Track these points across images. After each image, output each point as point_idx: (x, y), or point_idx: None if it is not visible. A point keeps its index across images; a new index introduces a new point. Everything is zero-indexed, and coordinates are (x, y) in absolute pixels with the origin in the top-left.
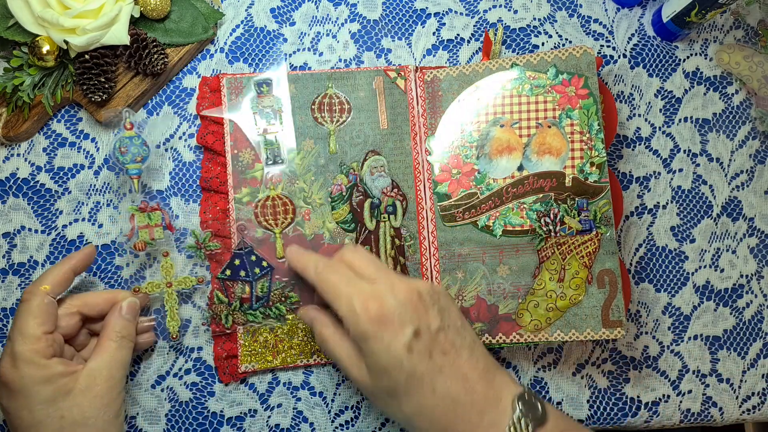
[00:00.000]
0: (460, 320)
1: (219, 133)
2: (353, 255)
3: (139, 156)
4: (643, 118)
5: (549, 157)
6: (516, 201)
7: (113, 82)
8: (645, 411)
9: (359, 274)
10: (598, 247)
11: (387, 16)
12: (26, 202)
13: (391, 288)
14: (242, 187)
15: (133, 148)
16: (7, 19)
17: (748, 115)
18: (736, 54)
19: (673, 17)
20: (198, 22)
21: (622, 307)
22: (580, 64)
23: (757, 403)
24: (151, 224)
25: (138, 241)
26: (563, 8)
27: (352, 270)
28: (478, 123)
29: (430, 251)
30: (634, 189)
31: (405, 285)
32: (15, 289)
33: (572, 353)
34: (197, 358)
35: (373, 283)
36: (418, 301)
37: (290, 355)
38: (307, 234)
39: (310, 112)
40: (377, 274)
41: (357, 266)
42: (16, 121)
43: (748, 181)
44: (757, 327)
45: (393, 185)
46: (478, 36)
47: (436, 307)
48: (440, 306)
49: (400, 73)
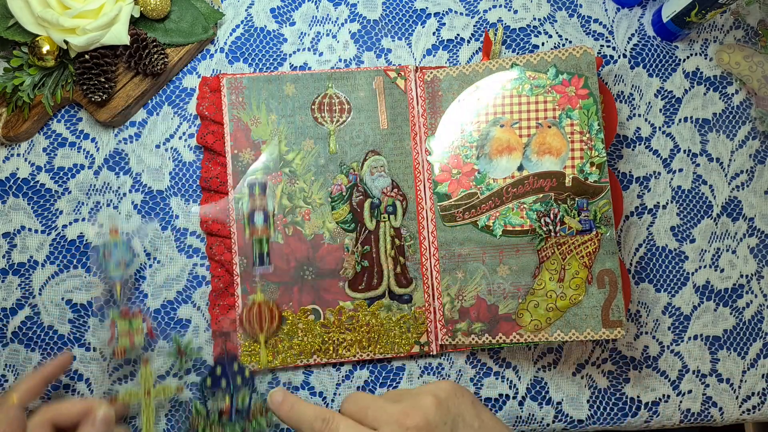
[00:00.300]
0: (477, 420)
1: (219, 133)
2: (348, 406)
3: (123, 261)
4: (643, 118)
5: (549, 157)
6: (516, 201)
7: (113, 82)
8: (645, 411)
9: (361, 422)
10: (598, 247)
11: (387, 16)
12: (26, 202)
13: (397, 430)
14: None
15: (118, 253)
16: (7, 19)
17: (748, 115)
18: (736, 54)
19: (673, 17)
20: (198, 22)
21: (622, 307)
22: (580, 64)
23: (757, 403)
24: (132, 330)
25: (118, 348)
26: (563, 8)
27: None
28: (478, 123)
29: (430, 251)
30: (634, 189)
31: (413, 421)
32: (15, 289)
33: (572, 353)
34: (197, 358)
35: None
36: (427, 429)
37: (290, 355)
38: (307, 234)
39: (310, 112)
40: (378, 421)
41: (357, 417)
42: (16, 121)
43: (748, 181)
44: (757, 327)
45: (393, 185)
46: (478, 36)
47: (448, 426)
48: (451, 421)
49: (400, 73)
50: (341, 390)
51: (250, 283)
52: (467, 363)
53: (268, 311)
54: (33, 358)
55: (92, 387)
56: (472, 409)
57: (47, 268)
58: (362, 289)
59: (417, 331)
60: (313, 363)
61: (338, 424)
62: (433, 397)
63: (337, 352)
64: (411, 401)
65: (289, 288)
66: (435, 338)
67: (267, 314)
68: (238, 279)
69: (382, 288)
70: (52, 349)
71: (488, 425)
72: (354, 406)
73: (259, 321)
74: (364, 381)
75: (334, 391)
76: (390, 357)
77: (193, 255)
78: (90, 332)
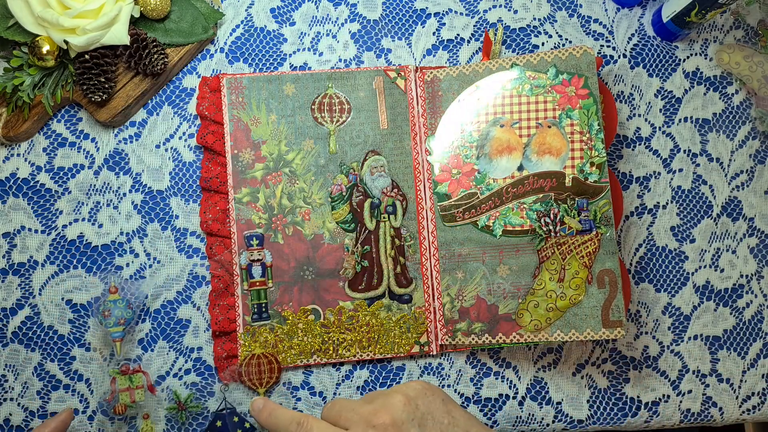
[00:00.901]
0: (447, 417)
1: (219, 133)
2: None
3: (122, 319)
4: (643, 118)
5: (549, 157)
6: (516, 201)
7: (113, 82)
8: (645, 411)
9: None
10: (598, 247)
11: (387, 16)
12: (26, 202)
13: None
14: (242, 187)
15: (117, 311)
16: (7, 19)
17: (748, 115)
18: (736, 54)
19: (673, 17)
20: (198, 22)
21: (622, 307)
22: (580, 64)
23: (757, 403)
24: (133, 386)
25: (118, 404)
26: (563, 8)
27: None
28: (478, 123)
29: (430, 251)
30: (634, 189)
31: (380, 419)
32: (15, 289)
33: (572, 353)
34: (197, 358)
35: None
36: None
37: (290, 355)
38: (307, 234)
39: (310, 112)
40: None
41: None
42: (16, 121)
43: (748, 181)
44: (757, 327)
45: (393, 185)
46: (478, 36)
47: (416, 422)
48: (420, 418)
49: (400, 73)
50: (341, 390)
51: (250, 334)
52: (467, 363)
53: (267, 364)
54: (33, 358)
55: (92, 387)
56: (442, 406)
57: (47, 268)
58: (362, 289)
59: (417, 331)
60: (313, 363)
61: (311, 426)
62: (402, 396)
63: (337, 352)
64: (381, 401)
65: (289, 288)
66: (435, 338)
67: (266, 366)
68: (238, 279)
69: (382, 288)
70: (52, 349)
71: (459, 422)
72: (330, 410)
73: (259, 374)
74: (364, 381)
75: (334, 391)
76: (390, 357)
77: (193, 255)
78: (90, 332)
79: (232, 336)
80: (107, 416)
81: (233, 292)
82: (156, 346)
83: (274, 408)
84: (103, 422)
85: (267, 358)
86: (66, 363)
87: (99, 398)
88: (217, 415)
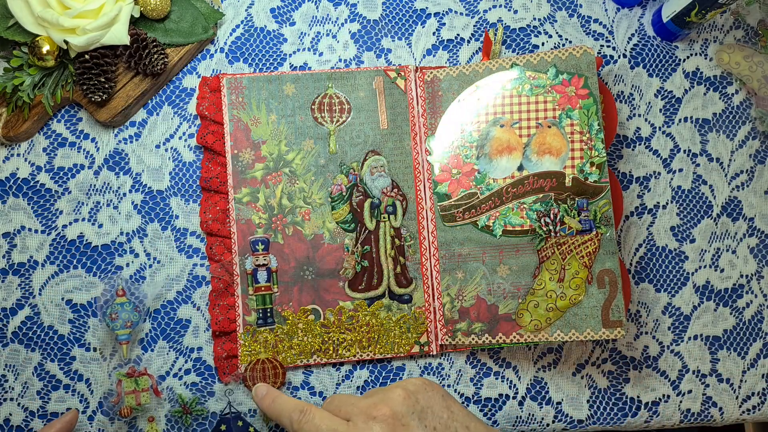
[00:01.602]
0: (446, 411)
1: (219, 133)
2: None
3: (129, 322)
4: (643, 118)
5: (549, 157)
6: (516, 201)
7: (113, 82)
8: (645, 411)
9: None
10: (598, 247)
11: (387, 16)
12: (26, 202)
13: (366, 422)
14: (242, 187)
15: (124, 314)
16: (7, 19)
17: (748, 115)
18: (736, 54)
19: (673, 17)
20: (198, 22)
21: (622, 307)
22: (580, 64)
23: (757, 403)
24: (138, 389)
25: (124, 407)
26: (563, 8)
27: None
28: (478, 123)
29: (430, 251)
30: (634, 189)
31: (380, 411)
32: (15, 289)
33: (572, 353)
34: (197, 358)
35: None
36: (395, 423)
37: (290, 355)
38: (307, 234)
39: (310, 112)
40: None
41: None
42: (16, 121)
43: (748, 181)
44: (757, 327)
45: (393, 185)
46: (478, 36)
47: (415, 415)
48: (419, 411)
49: (400, 73)
50: (341, 390)
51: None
52: (467, 363)
53: (271, 368)
54: (33, 358)
55: (92, 387)
56: (441, 401)
57: (47, 268)
58: (362, 289)
59: (417, 331)
60: (313, 363)
61: (314, 415)
62: (402, 390)
63: (337, 352)
64: (381, 395)
65: (289, 288)
66: (435, 338)
67: (271, 371)
68: (238, 279)
69: (382, 288)
70: (52, 350)
71: (458, 416)
72: (330, 405)
73: (264, 379)
74: (364, 381)
75: (334, 391)
76: (390, 357)
77: (193, 255)
78: (90, 332)
79: (232, 336)
80: (108, 416)
81: (233, 293)
82: (156, 346)
83: (277, 395)
84: (103, 422)
85: (272, 363)
86: (66, 363)
87: (100, 398)
88: (222, 419)
